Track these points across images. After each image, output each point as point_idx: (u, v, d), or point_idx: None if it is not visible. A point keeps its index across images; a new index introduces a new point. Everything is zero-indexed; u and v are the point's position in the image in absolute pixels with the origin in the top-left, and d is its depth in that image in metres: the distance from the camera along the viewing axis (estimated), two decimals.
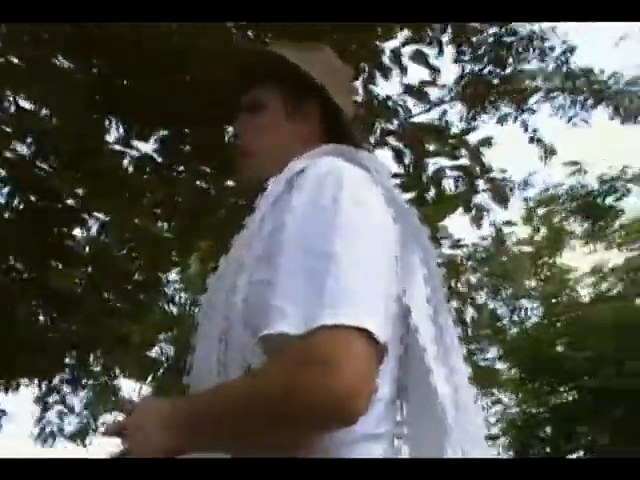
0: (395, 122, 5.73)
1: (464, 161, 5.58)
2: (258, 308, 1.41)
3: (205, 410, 1.43)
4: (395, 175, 5.07)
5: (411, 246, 1.60)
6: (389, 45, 5.59)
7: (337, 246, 1.37)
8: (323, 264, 1.36)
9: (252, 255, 1.52)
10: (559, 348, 12.54)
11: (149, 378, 7.56)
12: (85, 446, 7.67)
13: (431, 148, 5.52)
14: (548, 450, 12.22)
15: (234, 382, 1.44)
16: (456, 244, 11.76)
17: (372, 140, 5.38)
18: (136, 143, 4.69)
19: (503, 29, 8.07)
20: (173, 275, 6.10)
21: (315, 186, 1.48)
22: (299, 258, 1.39)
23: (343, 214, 1.41)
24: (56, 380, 5.30)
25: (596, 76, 10.36)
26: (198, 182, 4.92)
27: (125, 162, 4.70)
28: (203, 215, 4.80)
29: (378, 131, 5.54)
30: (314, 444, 1.40)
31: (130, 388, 8.70)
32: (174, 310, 6.15)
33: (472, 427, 1.57)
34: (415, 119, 6.20)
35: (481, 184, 5.62)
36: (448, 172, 5.58)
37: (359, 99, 5.41)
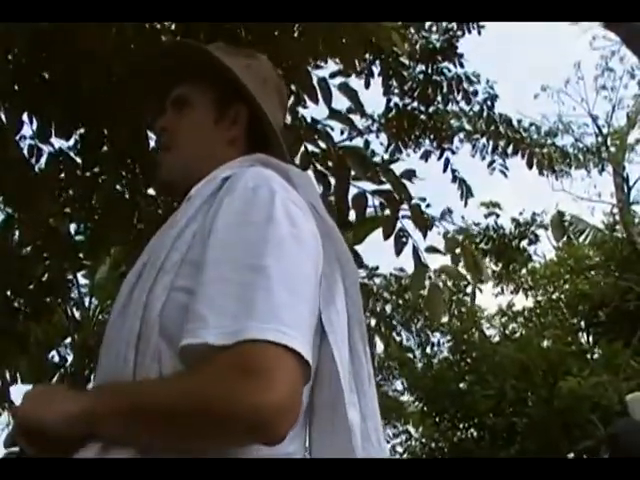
0: (321, 145, 5.69)
1: (387, 187, 5.56)
2: (177, 315, 1.36)
3: (114, 396, 1.36)
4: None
5: (333, 263, 1.55)
6: (318, 73, 5.58)
7: (267, 261, 1.33)
8: (252, 278, 1.31)
9: (174, 259, 1.45)
10: (463, 385, 12.59)
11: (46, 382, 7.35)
12: None
13: (353, 172, 5.47)
14: None
15: (157, 380, 1.36)
16: (373, 273, 11.78)
17: (297, 161, 5.32)
18: (54, 140, 4.50)
19: (430, 68, 8.19)
20: (81, 278, 5.85)
21: (247, 198, 1.44)
22: (228, 270, 1.33)
23: (275, 228, 1.38)
24: None
25: (515, 126, 10.52)
26: (117, 186, 4.75)
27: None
28: (117, 219, 4.62)
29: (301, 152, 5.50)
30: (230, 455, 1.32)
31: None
32: (77, 314, 5.90)
33: (374, 451, 1.50)
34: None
35: (403, 212, 5.58)
36: (370, 197, 5.55)
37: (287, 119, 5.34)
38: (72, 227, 4.80)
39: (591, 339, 15.90)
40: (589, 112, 19.76)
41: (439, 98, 8.27)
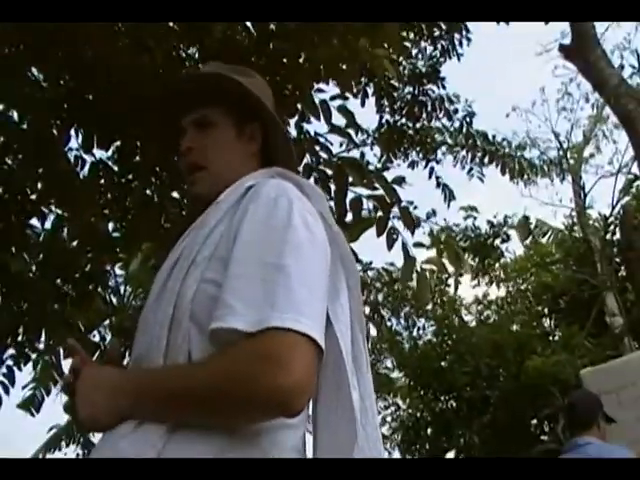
0: (322, 155, 5.72)
1: (380, 192, 5.59)
2: (206, 304, 1.37)
3: (153, 384, 1.37)
4: None
5: (339, 265, 1.56)
6: (320, 95, 5.62)
7: (287, 260, 1.34)
8: (275, 275, 1.32)
9: (204, 254, 1.46)
10: (444, 363, 12.58)
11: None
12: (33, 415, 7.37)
13: (351, 179, 5.50)
14: (428, 447, 12.23)
15: (188, 364, 1.38)
16: (367, 267, 11.79)
17: (301, 169, 5.35)
18: (95, 151, 4.53)
19: (417, 90, 8.21)
20: (117, 270, 5.85)
21: (269, 204, 1.44)
22: (253, 267, 1.35)
23: (294, 233, 1.39)
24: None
25: (490, 140, 10.52)
26: (147, 191, 4.77)
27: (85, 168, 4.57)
28: (147, 220, 4.64)
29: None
30: (238, 426, 1.34)
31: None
32: (114, 300, 5.92)
33: (373, 431, 1.52)
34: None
35: (393, 212, 5.61)
36: (365, 200, 5.58)
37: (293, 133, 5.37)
38: (110, 226, 4.83)
39: (553, 323, 15.90)
40: (552, 130, 19.75)
41: (424, 116, 8.29)
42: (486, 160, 10.35)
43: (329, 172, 5.52)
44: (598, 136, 20.41)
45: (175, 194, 4.84)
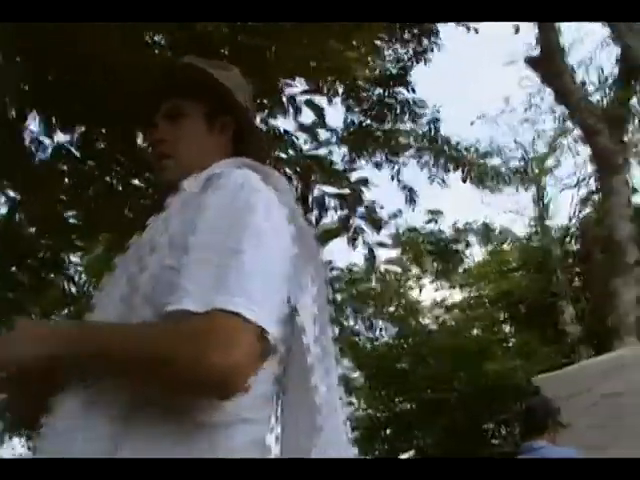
0: (289, 152, 5.67)
1: (345, 191, 5.56)
2: (163, 289, 1.34)
3: (90, 333, 1.36)
4: None
5: (306, 258, 1.51)
6: (289, 90, 5.55)
7: (245, 246, 1.32)
8: (231, 259, 1.31)
9: (165, 240, 1.43)
10: (403, 365, 12.57)
11: None
12: None
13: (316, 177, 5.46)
14: (387, 447, 12.22)
15: (130, 324, 1.37)
16: (329, 267, 11.71)
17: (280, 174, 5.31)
18: (57, 135, 4.39)
19: (385, 92, 8.17)
20: (76, 258, 5.68)
21: (232, 192, 1.42)
22: (210, 252, 1.33)
23: (253, 219, 1.37)
24: None
25: (455, 146, 10.52)
26: (108, 178, 4.64)
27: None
28: (109, 209, 4.51)
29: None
30: (196, 419, 1.31)
31: None
32: (72, 289, 5.74)
33: (338, 424, 1.51)
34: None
35: (358, 211, 5.59)
36: (330, 198, 5.54)
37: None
38: (69, 213, 4.68)
39: (511, 329, 15.99)
40: (516, 139, 19.91)
41: (391, 118, 8.25)
42: (450, 166, 10.35)
43: (296, 169, 5.47)
44: (560, 148, 20.64)
45: (136, 181, 4.73)
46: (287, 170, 5.53)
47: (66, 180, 4.46)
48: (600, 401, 5.50)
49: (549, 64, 10.34)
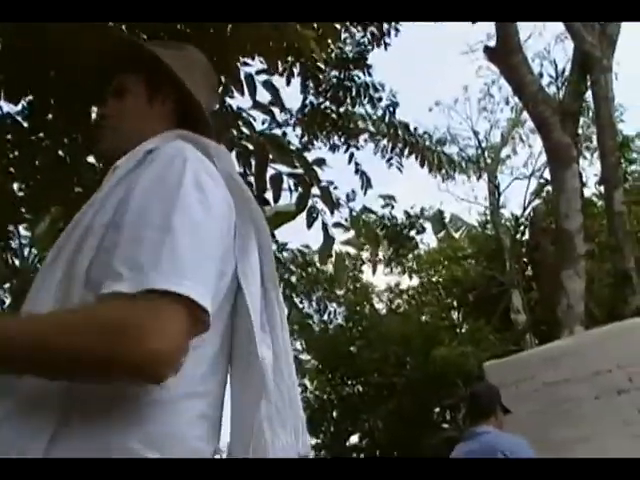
0: (244, 131, 5.61)
1: (300, 171, 5.52)
2: (99, 271, 1.33)
3: (14, 325, 1.30)
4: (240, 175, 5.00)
5: (248, 224, 1.53)
6: (245, 69, 5.49)
7: (174, 222, 1.30)
8: (160, 237, 1.29)
9: (101, 221, 1.41)
10: (353, 348, 12.62)
11: None
12: None
13: (272, 157, 5.40)
14: (334, 430, 12.28)
15: (57, 314, 1.32)
16: (282, 248, 11.66)
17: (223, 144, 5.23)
18: (4, 104, 4.25)
19: (343, 74, 8.15)
20: (22, 231, 5.55)
21: (163, 166, 1.41)
22: (140, 231, 1.30)
23: (183, 193, 1.35)
24: None
25: (411, 131, 10.52)
26: (60, 152, 4.53)
27: None
28: (58, 182, 4.40)
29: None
30: (138, 398, 1.31)
31: None
32: (17, 262, 5.61)
33: (289, 390, 1.52)
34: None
35: (313, 191, 5.55)
36: (285, 178, 5.49)
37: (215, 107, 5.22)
38: (16, 185, 4.55)
39: (460, 316, 16.15)
40: (472, 128, 20.06)
41: (349, 100, 8.23)
42: (406, 151, 10.36)
43: (250, 147, 5.41)
44: (515, 139, 20.85)
45: (91, 159, 4.62)
46: (241, 149, 5.47)
47: (16, 153, 4.32)
48: (542, 388, 5.59)
49: (506, 55, 10.40)
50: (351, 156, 8.25)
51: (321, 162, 5.69)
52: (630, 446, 5.03)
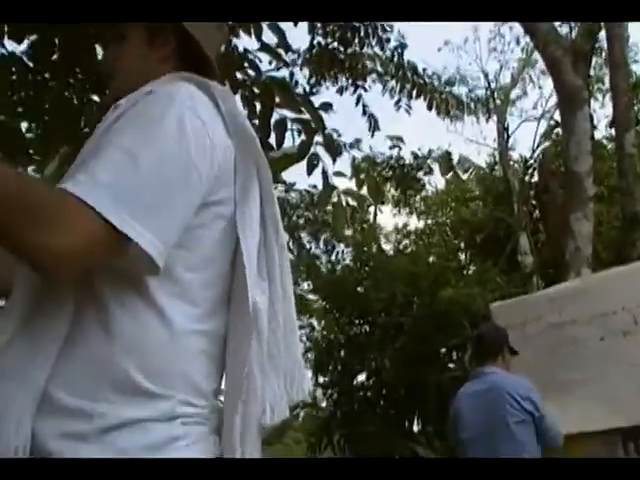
0: (250, 73, 5.51)
1: (306, 116, 5.44)
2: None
3: None
4: None
5: (251, 171, 1.51)
6: None
7: (143, 153, 1.29)
8: (124, 160, 1.28)
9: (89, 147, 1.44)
10: (360, 289, 12.62)
11: None
12: None
13: (277, 100, 5.31)
14: (342, 369, 12.36)
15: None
16: (289, 188, 11.62)
17: (227, 86, 5.14)
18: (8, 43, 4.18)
19: None
20: (31, 172, 5.50)
21: (152, 102, 1.41)
22: (111, 150, 1.30)
23: (161, 129, 1.34)
24: None
25: (420, 73, 10.37)
26: (65, 92, 4.46)
27: None
28: (65, 122, 4.35)
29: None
30: (140, 334, 1.34)
31: None
32: None
33: (284, 336, 1.53)
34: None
35: (317, 138, 5.48)
36: (289, 123, 5.42)
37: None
38: (23, 125, 4.50)
39: (467, 258, 16.16)
40: (482, 69, 19.78)
41: (356, 41, 8.09)
42: (414, 93, 10.21)
43: (256, 91, 5.32)
44: (525, 80, 20.54)
45: (96, 98, 4.56)
46: (246, 92, 5.38)
47: (22, 94, 4.26)
48: (548, 330, 5.60)
49: None
50: (359, 98, 8.16)
51: (327, 107, 5.61)
52: (635, 388, 5.06)
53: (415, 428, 11.90)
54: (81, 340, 1.34)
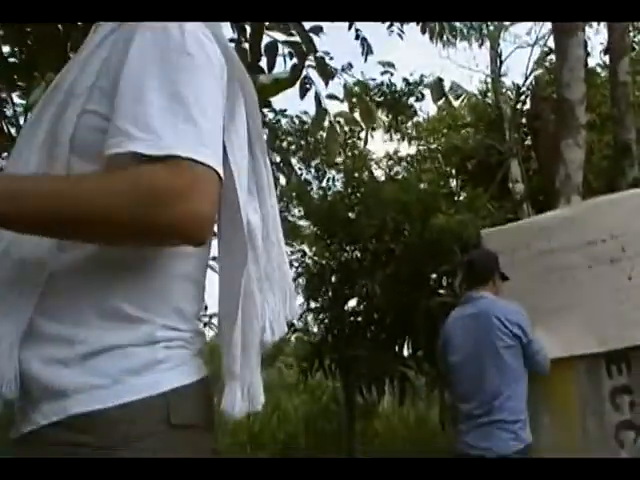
0: None
1: (296, 39, 5.31)
2: (88, 135, 1.30)
3: (35, 184, 1.25)
4: (232, 40, 4.82)
5: (235, 83, 1.47)
6: None
7: (183, 89, 1.25)
8: (172, 103, 1.24)
9: (85, 84, 1.36)
10: (351, 214, 12.60)
11: None
12: None
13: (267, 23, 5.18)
14: (332, 294, 12.45)
15: (82, 174, 1.29)
16: (281, 114, 11.47)
17: None
18: None
19: None
20: (16, 99, 5.40)
21: (160, 27, 1.32)
22: (148, 94, 1.24)
23: (189, 60, 1.29)
24: None
25: None
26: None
27: None
28: (50, 47, 4.24)
29: None
30: (120, 255, 1.32)
31: None
32: (12, 131, 5.49)
33: (277, 255, 1.54)
34: None
35: (309, 61, 5.37)
36: (280, 46, 5.30)
37: None
38: (5, 50, 4.39)
39: (459, 184, 16.13)
40: None
41: None
42: None
43: None
44: None
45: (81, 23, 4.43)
46: None
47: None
48: (537, 256, 5.62)
49: None
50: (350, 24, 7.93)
51: (318, 30, 5.49)
52: (619, 313, 5.13)
53: (405, 352, 12.08)
54: (64, 267, 1.33)
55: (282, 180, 11.79)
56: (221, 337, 1.45)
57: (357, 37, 7.93)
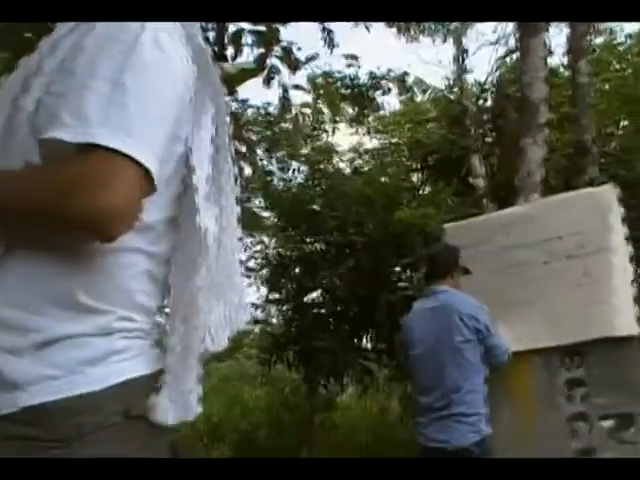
0: None
1: (262, 28, 5.30)
2: (45, 115, 1.28)
3: None
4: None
5: (206, 88, 1.47)
6: None
7: (126, 78, 1.24)
8: (111, 92, 1.22)
9: (52, 64, 1.36)
10: (315, 206, 12.59)
11: None
12: None
13: None
14: (295, 286, 12.44)
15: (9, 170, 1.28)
16: (245, 105, 11.40)
17: None
18: None
19: None
20: None
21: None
22: (90, 82, 1.24)
23: (140, 50, 1.28)
24: None
25: None
26: None
27: None
28: (6, 26, 4.15)
29: None
30: (79, 245, 1.29)
31: None
32: None
33: (230, 263, 1.53)
34: None
35: (275, 51, 5.36)
36: (246, 35, 5.28)
37: None
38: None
39: (422, 179, 16.18)
40: None
41: None
42: None
43: None
44: None
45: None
46: None
47: None
48: (498, 251, 5.69)
49: None
50: None
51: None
52: (574, 308, 5.23)
53: (367, 345, 12.12)
54: (20, 255, 1.30)
55: (247, 170, 11.75)
56: (166, 335, 1.47)
57: (323, 29, 7.96)
